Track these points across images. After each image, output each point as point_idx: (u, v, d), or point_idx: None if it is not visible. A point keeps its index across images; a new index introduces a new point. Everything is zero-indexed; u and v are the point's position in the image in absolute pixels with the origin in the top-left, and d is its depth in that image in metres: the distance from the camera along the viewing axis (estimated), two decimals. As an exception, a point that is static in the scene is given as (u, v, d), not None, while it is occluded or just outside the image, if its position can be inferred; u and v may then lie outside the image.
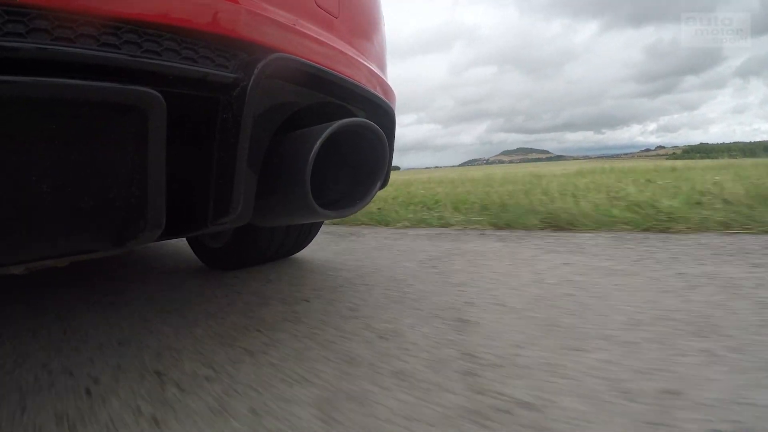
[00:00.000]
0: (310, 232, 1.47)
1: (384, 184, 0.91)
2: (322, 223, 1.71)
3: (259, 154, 0.66)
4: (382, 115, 0.91)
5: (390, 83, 1.02)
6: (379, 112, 0.90)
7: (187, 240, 1.59)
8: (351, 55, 0.81)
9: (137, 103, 0.42)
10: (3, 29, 0.36)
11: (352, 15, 0.85)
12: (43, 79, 0.36)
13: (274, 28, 0.59)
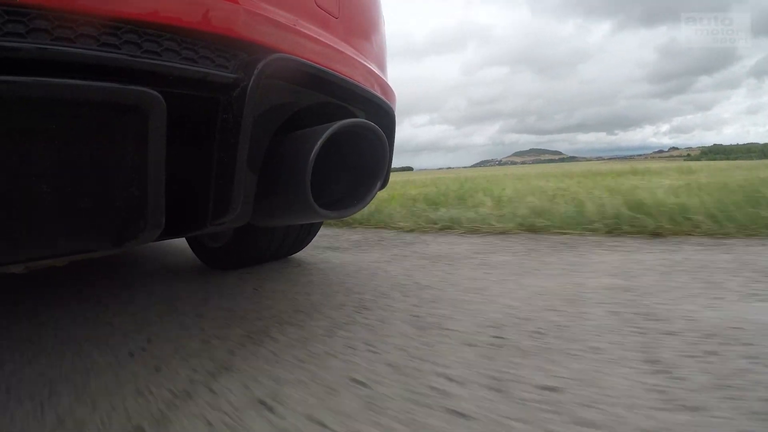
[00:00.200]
0: (309, 233, 1.47)
1: (384, 184, 0.91)
2: (322, 223, 1.71)
3: (259, 155, 0.66)
4: (383, 115, 0.91)
5: (390, 83, 1.02)
6: (379, 113, 0.90)
7: (186, 240, 1.59)
8: (351, 56, 0.80)
9: (137, 103, 0.42)
10: (3, 29, 0.36)
11: (352, 15, 0.85)
12: (43, 79, 0.36)
13: (274, 28, 0.59)
